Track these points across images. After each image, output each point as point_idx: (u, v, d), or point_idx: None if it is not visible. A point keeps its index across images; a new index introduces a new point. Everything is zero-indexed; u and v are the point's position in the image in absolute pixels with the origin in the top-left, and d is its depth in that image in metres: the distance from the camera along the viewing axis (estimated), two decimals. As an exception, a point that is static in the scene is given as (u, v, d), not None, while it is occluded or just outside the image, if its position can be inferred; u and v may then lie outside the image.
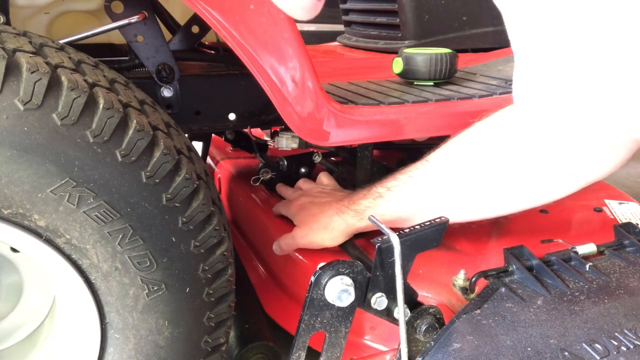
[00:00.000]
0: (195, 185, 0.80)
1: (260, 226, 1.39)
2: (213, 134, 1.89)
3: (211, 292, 0.85)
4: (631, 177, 3.27)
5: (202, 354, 0.90)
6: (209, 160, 1.90)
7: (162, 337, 0.84)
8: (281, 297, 1.27)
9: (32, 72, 0.66)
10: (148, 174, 0.74)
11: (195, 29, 1.24)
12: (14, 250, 0.89)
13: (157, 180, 0.75)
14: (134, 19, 1.04)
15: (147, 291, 0.80)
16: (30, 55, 0.70)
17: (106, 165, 0.71)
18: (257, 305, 1.27)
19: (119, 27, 1.04)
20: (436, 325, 0.91)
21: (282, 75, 0.90)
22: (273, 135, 1.31)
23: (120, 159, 0.72)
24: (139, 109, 0.78)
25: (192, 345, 0.87)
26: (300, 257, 1.19)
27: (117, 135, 0.72)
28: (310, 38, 2.87)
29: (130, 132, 0.73)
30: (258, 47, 0.87)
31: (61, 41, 0.96)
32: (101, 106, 0.71)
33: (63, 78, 0.69)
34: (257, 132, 1.45)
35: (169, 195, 0.77)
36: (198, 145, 1.90)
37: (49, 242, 0.73)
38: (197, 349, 0.89)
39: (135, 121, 0.74)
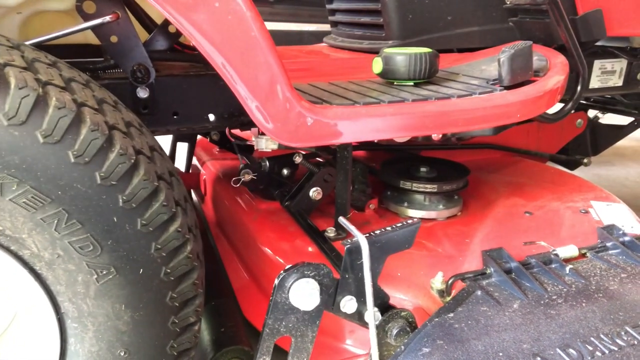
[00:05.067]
0: (132, 161, 0.76)
1: (242, 227, 1.38)
2: (200, 135, 1.88)
3: (169, 270, 0.82)
4: (631, 177, 3.23)
5: (171, 334, 0.87)
6: (195, 161, 1.89)
7: (122, 322, 0.81)
8: (260, 300, 1.26)
9: None
10: (75, 153, 0.71)
11: (172, 28, 1.23)
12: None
13: (87, 159, 0.72)
14: (106, 19, 1.03)
15: (96, 276, 0.77)
16: None
17: (27, 149, 0.68)
18: (235, 309, 1.26)
19: (91, 27, 1.03)
20: (408, 329, 0.89)
21: (250, 74, 0.88)
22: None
23: (42, 140, 0.69)
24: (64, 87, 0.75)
25: (157, 327, 0.85)
26: (277, 257, 1.18)
27: (36, 114, 0.68)
28: (310, 38, 2.85)
29: (50, 110, 0.69)
30: (224, 46, 0.86)
31: (31, 41, 0.95)
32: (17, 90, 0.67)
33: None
34: (247, 133, 1.44)
35: (103, 173, 0.73)
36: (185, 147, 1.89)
37: None
38: (164, 329, 0.86)
39: (54, 99, 0.70)
